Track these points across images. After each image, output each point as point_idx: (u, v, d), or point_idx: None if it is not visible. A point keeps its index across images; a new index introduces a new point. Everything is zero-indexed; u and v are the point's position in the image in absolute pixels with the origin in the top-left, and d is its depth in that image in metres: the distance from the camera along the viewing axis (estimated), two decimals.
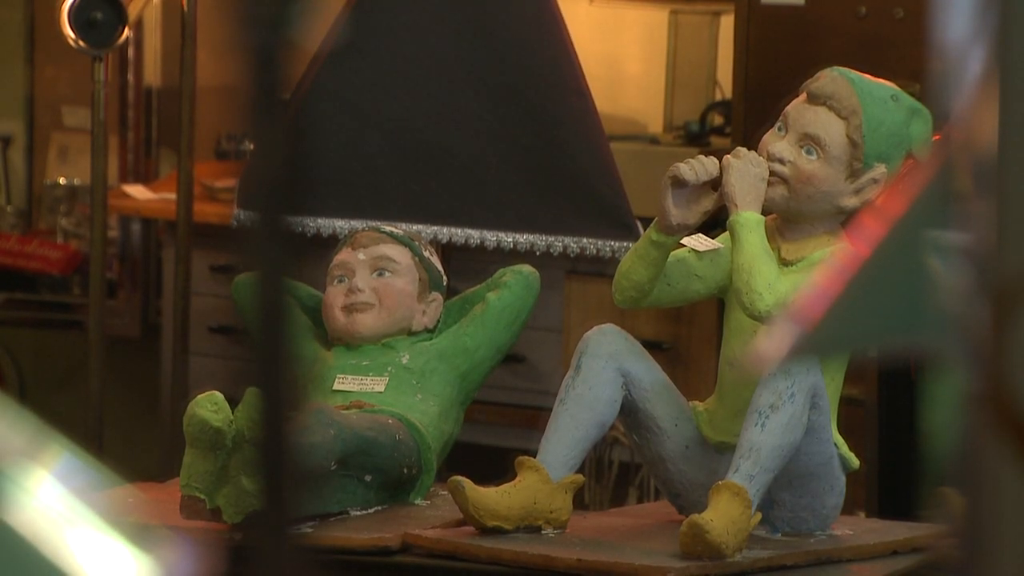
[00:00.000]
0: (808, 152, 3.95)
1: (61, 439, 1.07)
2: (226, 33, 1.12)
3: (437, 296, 4.29)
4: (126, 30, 5.42)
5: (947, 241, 1.43)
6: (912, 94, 4.04)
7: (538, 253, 4.98)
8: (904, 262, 1.83)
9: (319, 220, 4.88)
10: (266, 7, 1.12)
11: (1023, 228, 1.38)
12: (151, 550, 1.03)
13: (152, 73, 6.29)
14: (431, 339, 4.24)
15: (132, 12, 5.44)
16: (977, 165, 1.41)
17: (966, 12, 1.40)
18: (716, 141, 5.57)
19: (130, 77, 6.25)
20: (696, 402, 4.01)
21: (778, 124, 4.00)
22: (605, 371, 3.94)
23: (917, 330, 1.72)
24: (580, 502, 4.02)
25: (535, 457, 3.93)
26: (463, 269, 4.65)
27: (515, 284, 4.28)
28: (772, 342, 1.88)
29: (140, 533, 1.03)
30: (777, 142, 3.97)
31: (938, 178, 1.82)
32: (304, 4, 1.12)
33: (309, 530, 1.06)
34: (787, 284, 3.86)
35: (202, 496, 3.90)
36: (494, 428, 4.60)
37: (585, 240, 5.07)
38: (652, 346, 4.17)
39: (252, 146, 1.12)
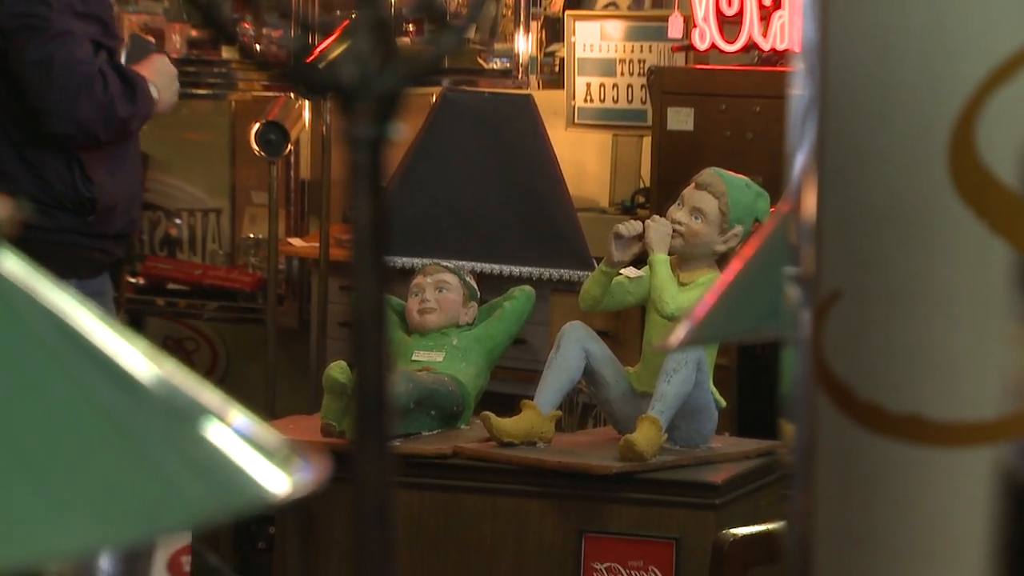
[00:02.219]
0: (696, 218, 3.94)
1: (244, 396, 1.05)
2: (347, 144, 1.10)
3: (474, 304, 4.27)
4: (289, 145, 5.42)
5: (786, 271, 1.40)
6: (758, 183, 4.04)
7: (534, 278, 4.97)
8: (755, 284, 1.80)
9: (403, 258, 4.87)
10: (372, 127, 1.09)
11: (832, 267, 1.36)
12: (293, 457, 0.99)
13: (305, 170, 6.27)
14: (471, 330, 4.23)
15: (293, 134, 5.44)
16: (802, 225, 1.38)
17: (796, 129, 1.38)
18: (641, 212, 5.54)
19: (291, 173, 6.23)
20: (628, 367, 4.00)
21: (678, 201, 4.00)
22: (574, 349, 3.93)
23: (766, 325, 1.70)
24: (559, 427, 4.00)
25: (532, 399, 3.92)
26: (490, 288, 4.62)
27: (521, 297, 4.27)
28: (675, 333, 1.86)
29: (287, 447, 0.99)
30: (677, 212, 3.97)
31: (777, 233, 1.79)
32: (395, 124, 1.09)
33: (396, 444, 1.04)
34: (683, 298, 3.87)
35: (334, 423, 3.90)
36: (508, 383, 4.57)
37: (562, 270, 5.07)
38: (602, 334, 4.14)
39: (357, 213, 1.09)
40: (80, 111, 4.08)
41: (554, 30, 5.92)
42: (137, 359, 0.96)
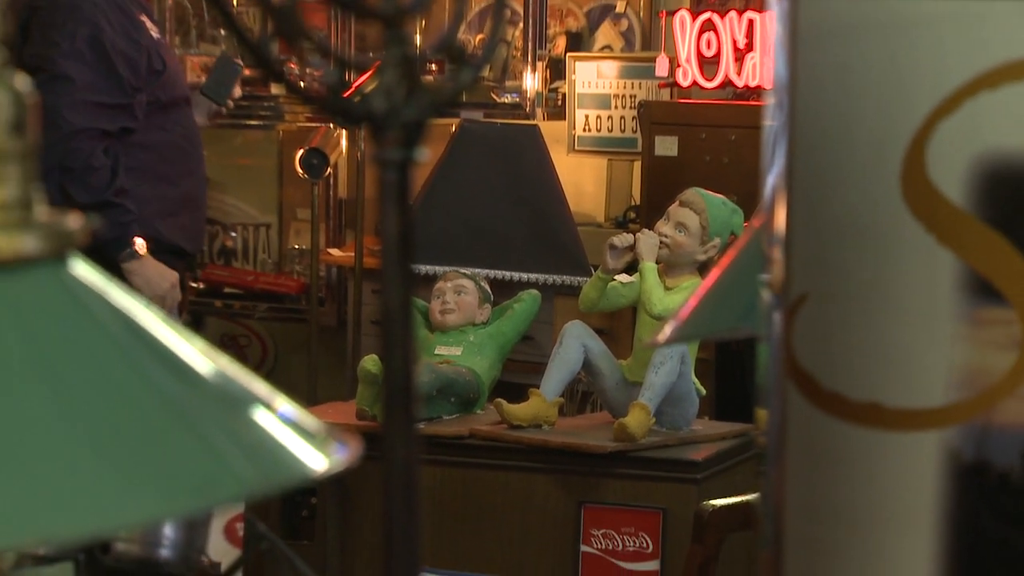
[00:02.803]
0: (679, 231, 3.93)
1: (289, 385, 1.05)
2: (378, 167, 1.09)
3: (488, 306, 4.27)
4: (328, 169, 5.42)
5: (759, 277, 1.39)
6: (733, 201, 4.03)
7: (540, 283, 4.96)
8: (732, 288, 1.79)
9: (426, 266, 4.85)
10: (399, 151, 1.08)
11: (799, 273, 1.35)
12: (331, 438, 0.98)
13: (342, 190, 6.26)
14: (485, 328, 4.22)
15: (332, 159, 5.43)
16: (773, 236, 1.37)
17: (768, 154, 1.37)
18: (632, 226, 5.53)
19: (331, 192, 6.22)
20: (621, 360, 3.98)
21: (664, 216, 3.99)
22: (575, 344, 3.92)
23: (742, 324, 1.69)
24: (562, 412, 3.98)
25: (538, 388, 3.91)
26: (501, 291, 4.62)
27: (528, 299, 4.26)
28: (662, 330, 1.85)
29: (326, 430, 0.98)
30: (663, 226, 3.96)
31: (751, 244, 1.78)
32: (420, 149, 1.08)
33: (421, 427, 1.02)
34: (669, 300, 3.86)
35: (367, 408, 3.89)
36: (517, 373, 4.56)
37: (564, 276, 5.06)
38: (599, 331, 4.13)
39: (387, 226, 1.08)
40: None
41: (557, 69, 5.92)
42: (195, 353, 0.95)
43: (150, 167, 4.09)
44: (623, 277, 3.98)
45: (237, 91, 4.46)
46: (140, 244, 4.01)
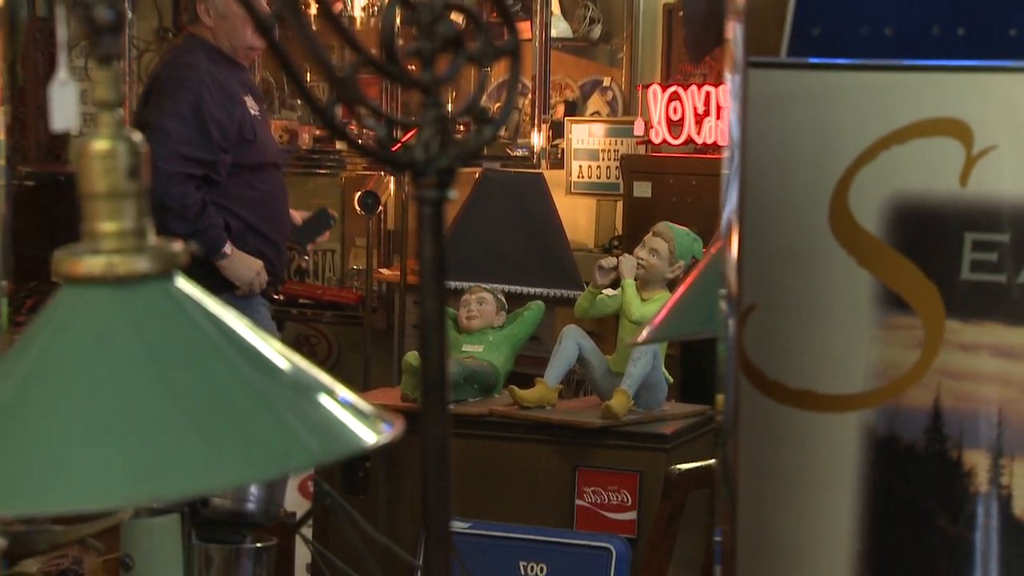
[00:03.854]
0: (652, 255, 3.91)
1: (348, 376, 1.04)
2: (418, 204, 1.07)
3: (503, 313, 4.24)
4: (380, 207, 5.41)
5: (718, 291, 1.38)
6: (695, 232, 4.01)
7: (544, 295, 4.95)
8: (695, 300, 1.78)
9: (455, 282, 4.84)
10: (434, 192, 1.06)
11: (749, 288, 1.33)
12: (380, 417, 0.96)
13: (391, 222, 6.24)
14: (501, 330, 4.20)
15: (383, 199, 5.42)
16: (728, 259, 1.36)
17: (724, 194, 1.35)
18: (615, 252, 5.50)
19: (382, 225, 6.20)
20: (607, 355, 3.96)
21: (641, 244, 3.96)
22: (571, 343, 3.89)
23: (704, 328, 1.67)
24: (561, 396, 3.96)
25: (543, 377, 3.88)
26: (514, 302, 4.60)
27: (535, 308, 4.24)
28: (639, 333, 1.84)
29: (377, 410, 0.96)
30: (640, 251, 3.94)
31: (711, 265, 1.76)
32: (451, 191, 1.07)
33: (450, 407, 1.02)
34: (644, 309, 3.84)
35: (409, 393, 3.87)
36: (526, 366, 4.54)
37: (563, 290, 5.04)
38: (590, 333, 4.10)
39: (424, 251, 1.06)
40: None
41: (558, 130, 5.91)
42: (273, 351, 0.94)
43: (243, 218, 4.18)
44: (609, 291, 3.96)
45: (324, 238, 4.54)
46: (228, 247, 4.08)
